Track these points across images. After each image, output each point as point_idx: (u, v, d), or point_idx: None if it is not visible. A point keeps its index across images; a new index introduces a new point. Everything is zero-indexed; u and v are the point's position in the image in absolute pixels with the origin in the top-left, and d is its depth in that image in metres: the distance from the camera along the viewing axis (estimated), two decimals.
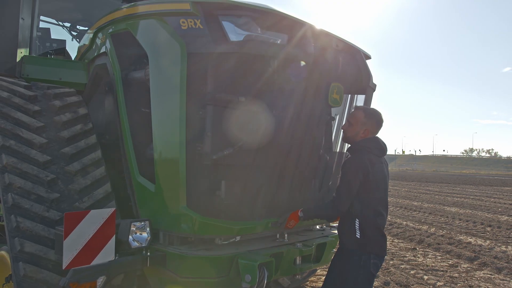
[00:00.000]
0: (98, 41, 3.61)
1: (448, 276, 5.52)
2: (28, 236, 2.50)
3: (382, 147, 2.94)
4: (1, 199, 2.64)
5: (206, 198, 2.67)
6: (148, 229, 2.53)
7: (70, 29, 5.63)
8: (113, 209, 2.36)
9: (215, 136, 2.63)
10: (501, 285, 5.24)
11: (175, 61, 2.59)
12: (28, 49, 4.19)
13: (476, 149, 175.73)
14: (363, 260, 2.73)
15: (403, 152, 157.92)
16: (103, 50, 3.43)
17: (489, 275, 5.65)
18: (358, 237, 2.75)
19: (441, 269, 5.87)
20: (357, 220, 2.77)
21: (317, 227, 3.78)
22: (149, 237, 2.54)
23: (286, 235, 3.16)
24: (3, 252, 2.78)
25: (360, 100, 3.54)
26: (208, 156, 2.61)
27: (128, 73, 3.09)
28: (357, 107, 3.17)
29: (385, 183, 2.91)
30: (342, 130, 3.14)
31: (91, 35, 3.81)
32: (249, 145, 2.72)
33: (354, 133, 2.98)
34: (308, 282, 4.91)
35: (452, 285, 5.13)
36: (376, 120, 3.00)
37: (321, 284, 4.85)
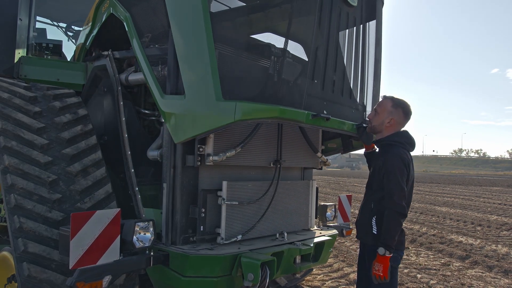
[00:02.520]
0: (100, 13, 3.65)
1: (440, 274, 5.61)
2: (31, 236, 2.51)
3: (412, 142, 2.84)
4: (4, 200, 2.65)
5: (241, 86, 2.67)
6: (151, 229, 2.56)
7: (65, 30, 5.60)
8: (118, 209, 2.38)
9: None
10: (492, 282, 5.34)
11: None
12: (25, 50, 4.18)
13: (465, 150, 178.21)
14: None
15: None
16: (106, 16, 3.47)
17: (480, 273, 5.76)
18: (375, 233, 2.75)
19: (434, 267, 5.96)
20: (375, 217, 2.76)
21: (315, 226, 3.84)
22: (153, 237, 2.56)
23: (285, 234, 3.21)
24: (5, 253, 2.78)
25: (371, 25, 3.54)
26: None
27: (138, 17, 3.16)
28: (385, 96, 2.98)
29: (413, 181, 2.82)
30: (368, 120, 3.06)
31: (88, 28, 3.87)
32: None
33: (379, 122, 2.87)
34: (304, 281, 4.96)
35: (445, 283, 5.22)
36: (403, 110, 2.86)
37: (318, 283, 4.92)
